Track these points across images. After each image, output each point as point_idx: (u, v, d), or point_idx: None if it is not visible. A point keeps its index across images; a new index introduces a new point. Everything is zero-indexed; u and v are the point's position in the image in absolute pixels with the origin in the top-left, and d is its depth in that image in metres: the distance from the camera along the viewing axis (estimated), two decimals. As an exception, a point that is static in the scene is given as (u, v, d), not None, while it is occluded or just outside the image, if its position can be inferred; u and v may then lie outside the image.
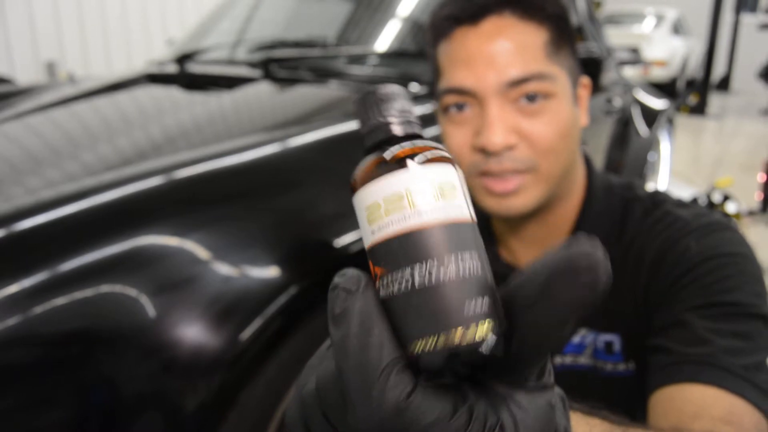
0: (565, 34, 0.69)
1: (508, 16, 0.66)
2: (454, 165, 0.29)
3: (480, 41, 0.66)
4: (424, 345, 0.25)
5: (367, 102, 0.31)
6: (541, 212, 0.72)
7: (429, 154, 0.28)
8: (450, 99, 0.69)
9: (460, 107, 0.68)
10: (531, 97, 0.65)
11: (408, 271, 0.26)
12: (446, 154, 0.29)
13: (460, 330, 0.25)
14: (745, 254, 0.64)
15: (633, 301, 0.69)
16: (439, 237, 0.26)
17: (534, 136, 0.66)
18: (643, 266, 0.68)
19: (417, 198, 0.27)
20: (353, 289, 0.28)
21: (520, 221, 0.74)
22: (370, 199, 0.29)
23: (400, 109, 0.31)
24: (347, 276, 0.29)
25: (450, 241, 0.26)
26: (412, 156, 0.28)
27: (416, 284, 0.26)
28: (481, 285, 0.26)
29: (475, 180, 0.69)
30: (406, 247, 0.26)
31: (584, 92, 0.75)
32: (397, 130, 0.31)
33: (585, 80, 0.75)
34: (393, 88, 0.31)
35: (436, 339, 0.25)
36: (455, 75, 0.67)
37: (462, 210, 0.28)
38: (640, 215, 0.72)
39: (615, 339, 0.71)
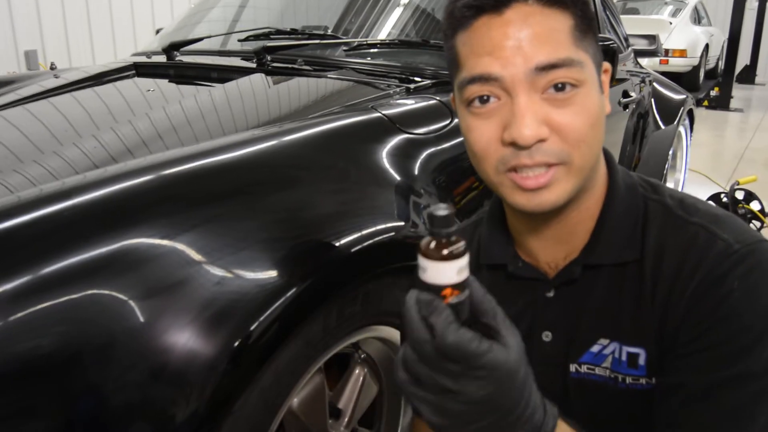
0: (588, 20, 0.70)
1: (532, 4, 0.67)
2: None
3: (505, 29, 0.66)
4: None
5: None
6: (565, 209, 0.73)
7: None
8: (474, 89, 0.68)
9: (483, 100, 0.68)
10: (560, 86, 0.66)
11: None
12: None
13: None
14: None
15: (663, 319, 0.69)
16: None
17: (565, 127, 0.66)
18: (682, 288, 0.68)
19: None
20: None
21: (541, 220, 0.74)
22: None
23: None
24: None
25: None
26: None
27: None
28: None
29: (503, 176, 0.69)
30: None
31: (606, 78, 0.75)
32: None
33: (606, 66, 0.75)
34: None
35: None
36: (479, 63, 0.67)
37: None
38: (669, 223, 0.72)
39: (641, 352, 0.71)
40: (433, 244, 0.56)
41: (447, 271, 0.56)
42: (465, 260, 0.57)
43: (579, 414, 0.75)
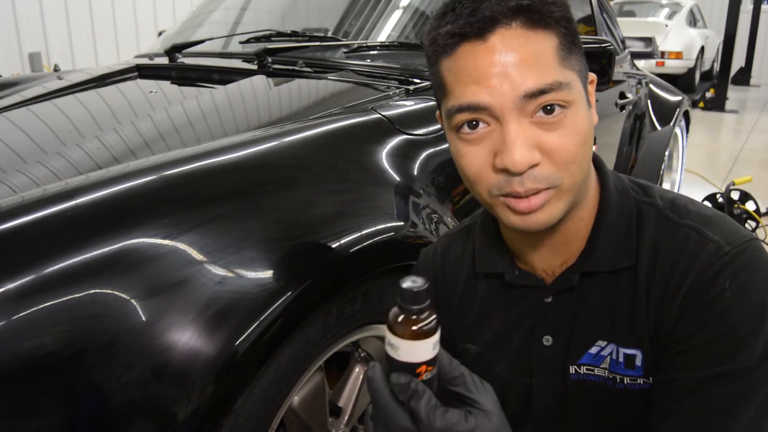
0: (572, 35, 0.69)
1: (516, 27, 0.65)
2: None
3: (490, 56, 0.64)
4: None
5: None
6: (558, 222, 0.72)
7: None
8: (463, 117, 0.67)
9: (472, 125, 0.67)
10: (549, 109, 0.65)
11: None
12: None
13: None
14: None
15: (658, 321, 0.69)
16: None
17: (556, 150, 0.65)
18: (675, 290, 0.68)
19: None
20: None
21: (535, 233, 0.74)
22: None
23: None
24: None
25: None
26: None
27: None
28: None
29: (497, 199, 0.69)
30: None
31: (592, 89, 0.75)
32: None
33: (592, 76, 0.75)
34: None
35: None
36: (466, 92, 0.66)
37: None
38: (661, 226, 0.72)
39: (638, 353, 0.71)
40: (405, 321, 0.54)
41: (422, 349, 0.54)
42: (438, 335, 0.54)
43: (579, 415, 0.75)
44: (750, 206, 3.24)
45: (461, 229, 0.89)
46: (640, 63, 6.30)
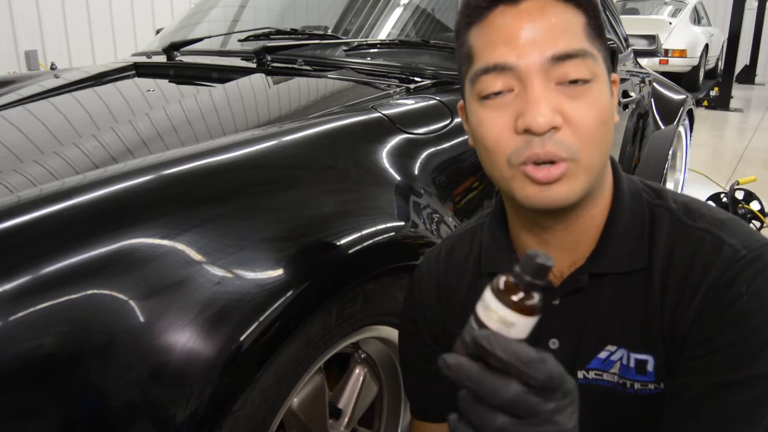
0: (598, 25, 0.71)
1: None
2: None
3: (521, 18, 0.67)
4: None
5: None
6: (570, 215, 0.72)
7: None
8: (488, 79, 0.68)
9: (497, 93, 0.68)
10: (573, 77, 0.66)
11: None
12: None
13: None
14: None
15: (672, 325, 0.69)
16: None
17: (577, 119, 0.66)
18: (691, 294, 0.68)
19: None
20: None
21: (546, 227, 0.74)
22: None
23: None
24: None
25: None
26: None
27: None
28: None
29: (516, 169, 0.68)
30: None
31: (615, 89, 0.75)
32: None
33: (615, 77, 0.76)
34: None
35: None
36: (494, 53, 0.67)
37: None
38: (675, 229, 0.72)
39: (650, 359, 0.71)
40: (515, 290, 0.50)
41: (524, 326, 0.50)
42: (536, 319, 0.51)
43: (586, 420, 0.75)
44: (755, 206, 3.24)
45: (467, 231, 0.89)
46: (644, 61, 6.29)
